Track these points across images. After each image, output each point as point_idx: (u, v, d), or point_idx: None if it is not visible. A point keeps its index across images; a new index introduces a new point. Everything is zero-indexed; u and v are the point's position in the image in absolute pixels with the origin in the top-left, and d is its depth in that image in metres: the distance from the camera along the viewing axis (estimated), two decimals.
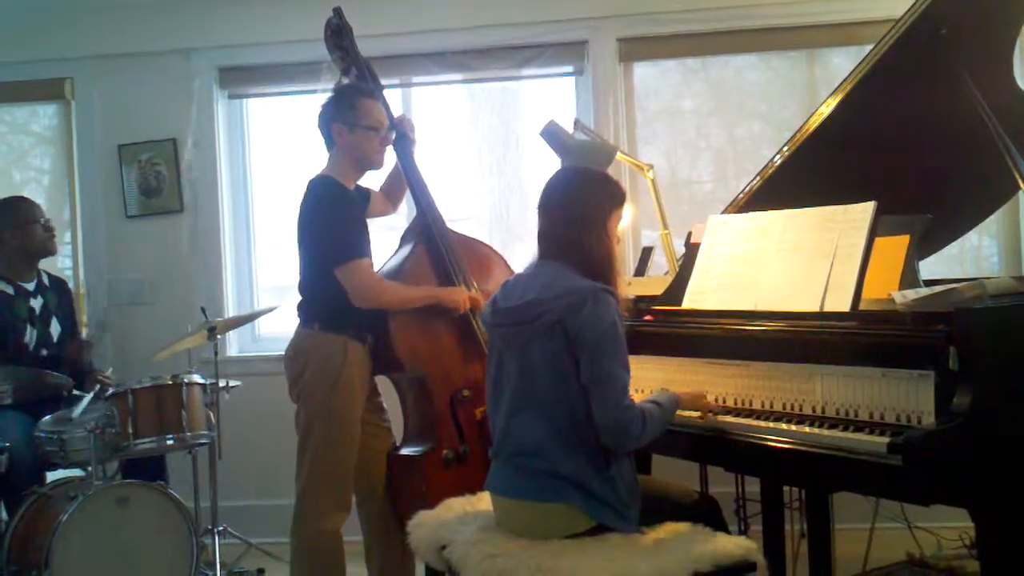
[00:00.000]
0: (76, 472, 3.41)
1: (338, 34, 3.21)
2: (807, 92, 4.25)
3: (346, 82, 3.24)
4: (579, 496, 2.18)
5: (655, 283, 3.13)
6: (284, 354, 3.05)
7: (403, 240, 3.29)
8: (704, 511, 2.38)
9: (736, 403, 2.48)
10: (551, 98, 4.51)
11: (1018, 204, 3.94)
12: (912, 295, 2.17)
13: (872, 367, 2.15)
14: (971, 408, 1.94)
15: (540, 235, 2.37)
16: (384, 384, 3.17)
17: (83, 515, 3.04)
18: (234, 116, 4.62)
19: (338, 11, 3.23)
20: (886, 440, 2.00)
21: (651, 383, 2.63)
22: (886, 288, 2.32)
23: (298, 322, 3.04)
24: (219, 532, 3.66)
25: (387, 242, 3.41)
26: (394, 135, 3.14)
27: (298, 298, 3.05)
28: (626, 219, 2.53)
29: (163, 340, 3.74)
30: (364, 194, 3.18)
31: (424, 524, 2.45)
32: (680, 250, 3.21)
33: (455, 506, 2.52)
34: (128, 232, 4.52)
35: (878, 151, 2.83)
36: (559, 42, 4.30)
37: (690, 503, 2.41)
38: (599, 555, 2.10)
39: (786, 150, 2.91)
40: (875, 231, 2.37)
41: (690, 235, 2.97)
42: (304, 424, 2.97)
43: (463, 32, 4.33)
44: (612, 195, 2.36)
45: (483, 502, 2.46)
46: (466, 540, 2.25)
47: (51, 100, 4.60)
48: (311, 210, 2.96)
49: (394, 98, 4.00)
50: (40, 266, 3.83)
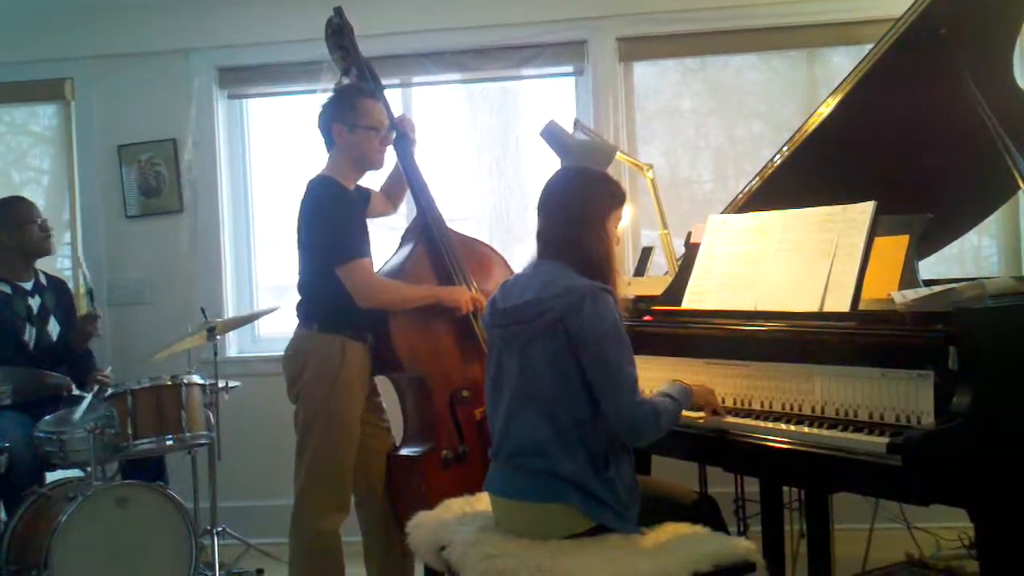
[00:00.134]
0: (75, 472, 3.41)
1: (339, 33, 3.21)
2: (807, 92, 4.25)
3: (346, 82, 3.24)
4: (578, 496, 2.17)
5: (655, 283, 3.13)
6: (283, 354, 3.05)
7: (403, 240, 3.29)
8: (703, 511, 2.38)
9: (735, 403, 2.48)
10: (551, 98, 4.50)
11: (1018, 204, 3.93)
12: (912, 295, 2.17)
13: (871, 367, 2.15)
14: (970, 408, 1.94)
15: (539, 235, 2.37)
16: (384, 384, 3.17)
17: (82, 515, 3.04)
18: (234, 116, 4.62)
19: (339, 10, 3.22)
20: (885, 440, 2.00)
21: (651, 383, 2.62)
22: (886, 288, 2.32)
23: (297, 322, 3.04)
24: (218, 532, 3.66)
25: (387, 242, 3.41)
26: (394, 135, 3.14)
27: (297, 298, 3.05)
28: (626, 219, 2.53)
29: (162, 340, 3.74)
30: (364, 194, 3.18)
31: (423, 524, 2.45)
32: (680, 250, 3.21)
33: (454, 506, 2.52)
34: (128, 232, 4.52)
35: (878, 151, 2.83)
36: (558, 42, 4.30)
37: (689, 503, 2.41)
38: (598, 555, 2.10)
39: (786, 150, 2.91)
40: (875, 231, 2.36)
41: (690, 235, 2.97)
42: (303, 424, 2.97)
43: (463, 32, 4.32)
44: (612, 195, 2.36)
45: (482, 502, 2.46)
46: (465, 540, 2.25)
47: (51, 100, 4.60)
48: (311, 210, 2.96)
49: (394, 98, 3.99)
50: (38, 266, 3.82)
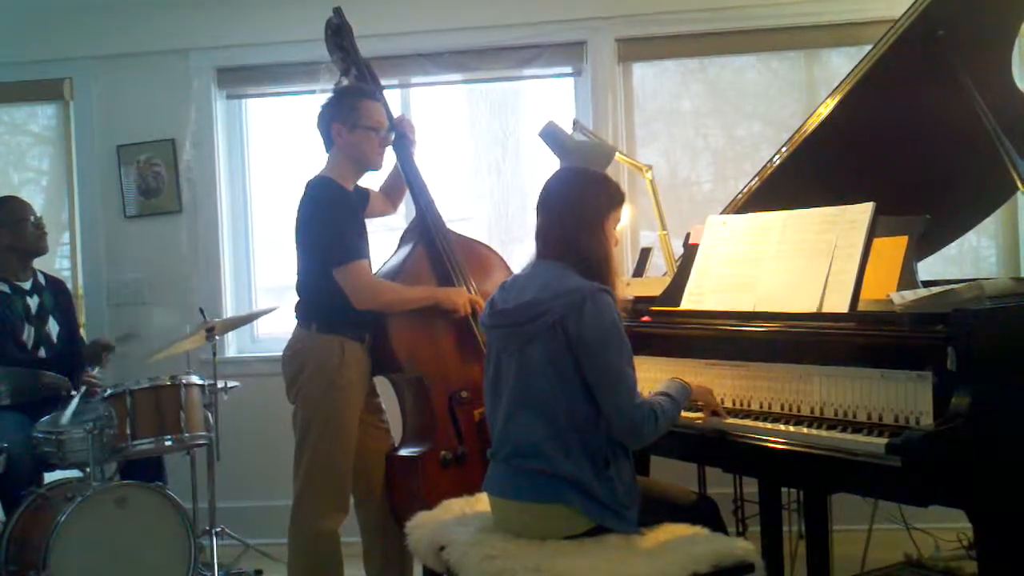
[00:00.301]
0: (74, 473, 3.40)
1: (338, 34, 3.21)
2: (806, 92, 4.25)
3: (346, 82, 3.24)
4: (577, 497, 2.17)
5: (654, 284, 3.13)
6: (282, 354, 3.05)
7: (402, 240, 3.29)
8: (702, 512, 2.38)
9: (734, 404, 2.48)
10: (550, 99, 4.51)
11: (1016, 205, 3.94)
12: (910, 296, 2.17)
13: (870, 368, 2.15)
14: (969, 409, 1.94)
15: (538, 235, 2.37)
16: (383, 385, 3.17)
17: (81, 516, 3.04)
18: (233, 116, 4.62)
19: (338, 11, 3.23)
20: (884, 441, 2.00)
21: (649, 384, 2.62)
22: (884, 289, 2.32)
23: (296, 323, 3.04)
24: (217, 533, 3.65)
25: (386, 243, 3.42)
26: (393, 136, 3.14)
27: (296, 298, 3.05)
28: (624, 220, 2.53)
29: (161, 340, 3.74)
30: (363, 194, 3.18)
31: (422, 525, 2.45)
32: (679, 251, 3.21)
33: (453, 507, 2.52)
34: (127, 232, 4.51)
35: (877, 152, 2.83)
36: (558, 43, 4.30)
37: (688, 504, 2.41)
38: (598, 556, 2.10)
39: (785, 151, 2.91)
40: (874, 232, 2.36)
41: (689, 236, 2.97)
42: (302, 425, 2.97)
43: (462, 32, 4.33)
44: (611, 196, 2.36)
45: (481, 503, 2.46)
46: (464, 541, 2.25)
47: (50, 100, 4.60)
48: (309, 211, 2.96)
49: (393, 98, 3.99)
50: (36, 265, 3.82)
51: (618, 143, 4.17)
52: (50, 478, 3.46)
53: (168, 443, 3.37)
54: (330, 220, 2.92)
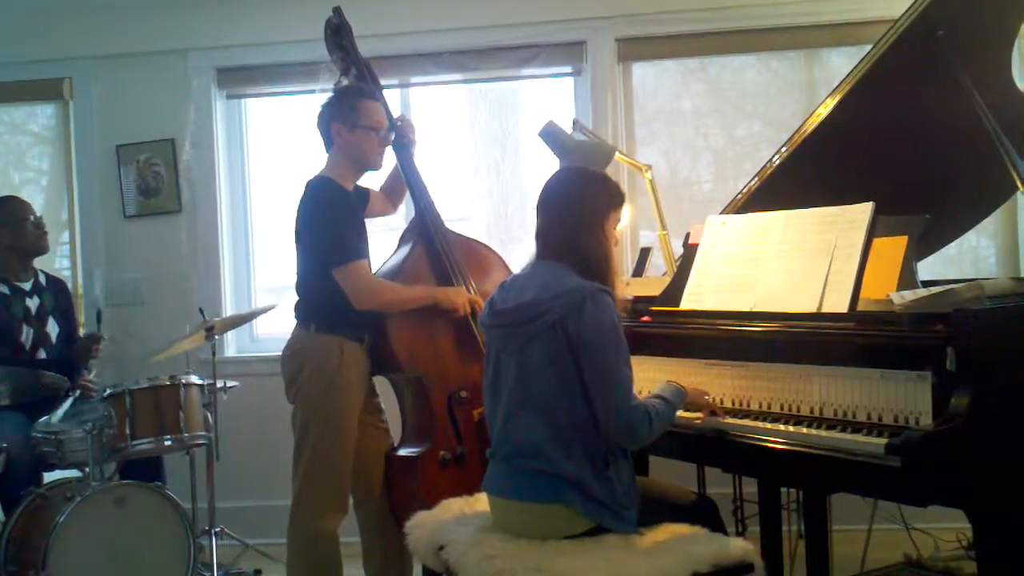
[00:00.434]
0: (73, 473, 3.40)
1: (338, 33, 3.21)
2: (806, 92, 4.25)
3: (345, 82, 3.24)
4: (577, 497, 2.17)
5: (653, 284, 3.13)
6: (281, 354, 3.05)
7: (402, 240, 3.29)
8: (702, 512, 2.38)
9: (734, 404, 2.48)
10: (550, 98, 4.50)
11: (1016, 205, 3.93)
12: (910, 296, 2.17)
13: (870, 368, 2.15)
14: (969, 409, 1.94)
15: (538, 235, 2.37)
16: (382, 385, 3.17)
17: (80, 516, 3.04)
18: (232, 116, 4.62)
19: (338, 10, 3.22)
20: (884, 441, 2.00)
21: (649, 384, 2.62)
22: (884, 289, 2.32)
23: (295, 322, 3.03)
24: (216, 533, 3.65)
25: (386, 242, 3.41)
26: (393, 136, 3.14)
27: (295, 298, 3.05)
28: (624, 220, 2.53)
29: (161, 340, 3.73)
30: (363, 194, 3.18)
31: (422, 525, 2.44)
32: (678, 251, 3.21)
33: (453, 507, 2.52)
34: (126, 232, 4.51)
35: (876, 152, 2.83)
36: (557, 42, 4.30)
37: (688, 504, 2.41)
38: (597, 556, 2.10)
39: (785, 150, 2.91)
40: (873, 232, 2.36)
41: (688, 236, 2.97)
42: (301, 425, 2.97)
43: (462, 32, 4.32)
44: (611, 196, 2.36)
45: (481, 503, 2.46)
46: (464, 541, 2.25)
47: (49, 100, 4.60)
48: (309, 211, 2.96)
49: (392, 98, 4.00)
50: (37, 265, 3.82)
51: (618, 143, 4.17)
52: (49, 478, 3.47)
53: (167, 443, 3.37)
54: (330, 220, 2.92)
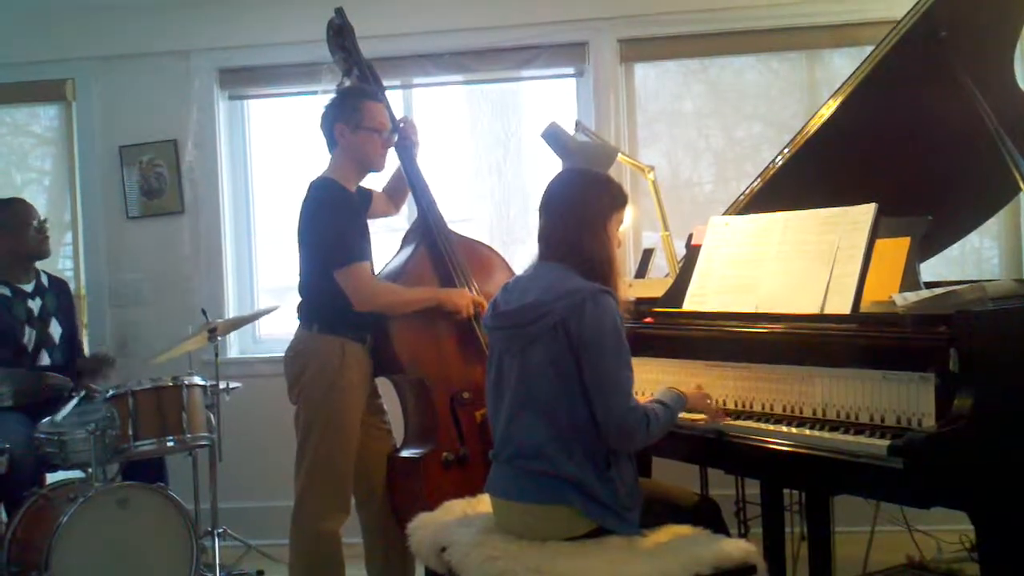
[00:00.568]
0: (76, 474, 3.41)
1: (340, 34, 3.21)
2: (807, 93, 4.25)
3: (348, 83, 3.24)
4: (579, 498, 2.17)
5: (656, 285, 3.13)
6: (284, 355, 3.05)
7: (405, 241, 3.29)
8: (704, 514, 2.38)
9: (736, 405, 2.48)
10: (552, 99, 4.50)
11: (1019, 206, 3.93)
12: (913, 297, 2.17)
13: (873, 369, 2.15)
14: (971, 411, 1.94)
15: (541, 236, 2.37)
16: (385, 386, 3.17)
17: (83, 517, 3.04)
18: (235, 117, 4.62)
19: (340, 11, 3.22)
20: (887, 443, 2.00)
21: (651, 385, 2.63)
22: (887, 290, 2.32)
23: (298, 323, 3.04)
24: (219, 534, 3.65)
25: (388, 243, 3.41)
26: (396, 137, 3.14)
27: (298, 299, 3.05)
28: (627, 221, 2.53)
29: (163, 341, 3.74)
30: (366, 195, 3.18)
31: (424, 526, 2.45)
32: (681, 252, 3.21)
33: (455, 508, 2.52)
34: (129, 233, 4.52)
35: (879, 153, 2.83)
36: (559, 43, 4.30)
37: (690, 506, 2.41)
38: (599, 557, 2.10)
39: (787, 151, 2.91)
40: (876, 233, 2.36)
41: (691, 237, 2.97)
42: (304, 426, 2.97)
43: (464, 33, 4.33)
44: (613, 197, 2.36)
45: (483, 504, 2.46)
46: (466, 542, 2.25)
47: (52, 101, 4.60)
48: (311, 212, 2.96)
49: (395, 99, 3.99)
50: (39, 266, 3.82)
51: (620, 144, 4.17)
52: (52, 479, 3.47)
53: (170, 444, 3.37)
54: (331, 221, 2.92)
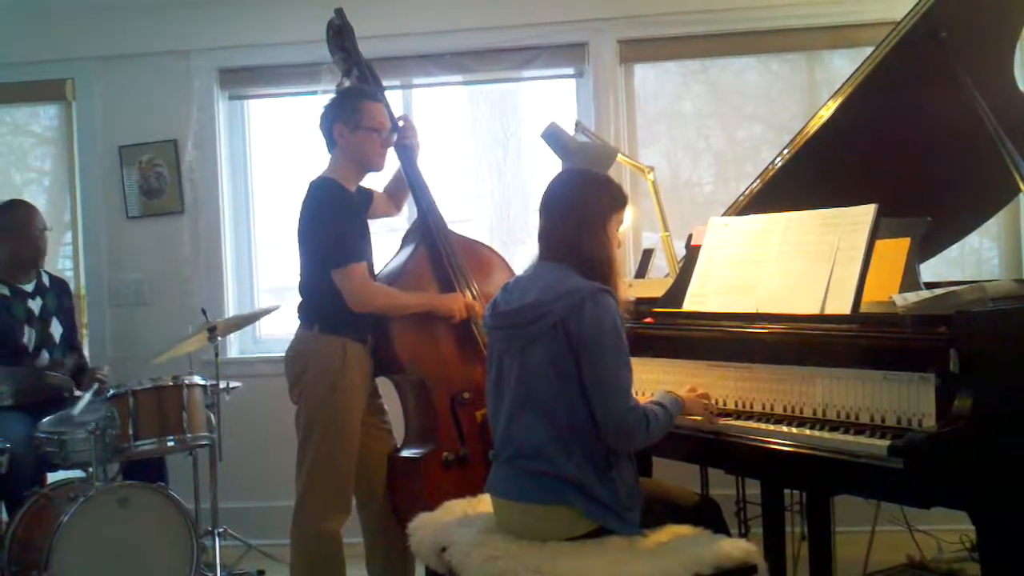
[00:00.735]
0: (77, 473, 3.41)
1: (340, 35, 3.21)
2: (807, 94, 4.26)
3: (347, 83, 3.24)
4: (580, 498, 2.18)
5: (656, 285, 3.13)
6: (284, 355, 3.05)
7: (404, 241, 3.29)
8: (705, 513, 2.38)
9: (737, 405, 2.48)
10: (551, 100, 4.51)
11: (1019, 207, 3.94)
12: (913, 298, 2.17)
13: (873, 370, 2.15)
14: (972, 411, 1.94)
15: (540, 237, 2.37)
16: (385, 387, 3.17)
17: (83, 516, 3.04)
18: (235, 117, 4.62)
19: (340, 11, 3.23)
20: (887, 443, 2.00)
21: (651, 385, 2.63)
22: (887, 291, 2.32)
23: (298, 323, 3.04)
24: (219, 533, 3.65)
25: (388, 243, 3.42)
26: (395, 137, 3.14)
27: (299, 299, 3.05)
28: (627, 221, 2.53)
29: (163, 341, 3.74)
30: (366, 195, 3.18)
31: (425, 526, 2.45)
32: (681, 252, 3.21)
33: (456, 508, 2.52)
34: (129, 233, 4.52)
35: (878, 154, 2.83)
36: (559, 44, 4.30)
37: (691, 506, 2.41)
38: (599, 557, 2.10)
39: (786, 152, 2.91)
40: (876, 233, 2.36)
41: (691, 237, 2.97)
42: (304, 426, 2.97)
43: (463, 34, 4.33)
44: (613, 198, 2.36)
45: (484, 504, 2.46)
46: (467, 542, 2.25)
47: (52, 101, 4.60)
48: (311, 212, 2.96)
49: (394, 99, 3.99)
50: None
51: (620, 144, 4.17)
52: (53, 478, 3.48)
53: (170, 443, 3.37)
54: (330, 221, 2.93)
